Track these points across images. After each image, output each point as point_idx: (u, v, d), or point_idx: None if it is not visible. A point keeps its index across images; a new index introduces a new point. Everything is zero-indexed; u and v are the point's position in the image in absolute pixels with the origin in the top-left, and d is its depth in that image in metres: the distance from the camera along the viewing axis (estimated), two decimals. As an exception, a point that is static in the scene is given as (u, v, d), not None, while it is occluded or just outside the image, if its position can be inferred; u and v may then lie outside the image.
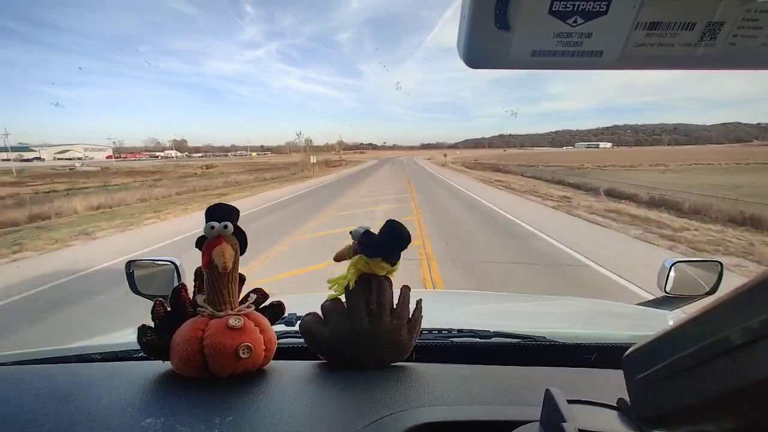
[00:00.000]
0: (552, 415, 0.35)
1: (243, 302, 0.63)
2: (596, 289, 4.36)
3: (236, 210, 0.63)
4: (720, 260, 1.28)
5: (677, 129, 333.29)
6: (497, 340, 0.80)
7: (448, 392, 0.53)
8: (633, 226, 7.93)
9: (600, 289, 4.36)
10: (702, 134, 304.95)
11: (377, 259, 0.61)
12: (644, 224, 8.03)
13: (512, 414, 0.46)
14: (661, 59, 0.26)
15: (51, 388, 0.53)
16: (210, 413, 0.47)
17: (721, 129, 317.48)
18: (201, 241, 0.60)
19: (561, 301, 1.80)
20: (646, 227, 7.75)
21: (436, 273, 4.92)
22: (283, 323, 0.83)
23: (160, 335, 0.58)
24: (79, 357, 0.75)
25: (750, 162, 39.02)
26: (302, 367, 0.61)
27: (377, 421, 0.46)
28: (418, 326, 0.65)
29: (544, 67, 0.28)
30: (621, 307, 1.46)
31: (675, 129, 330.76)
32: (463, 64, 0.28)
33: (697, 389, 0.24)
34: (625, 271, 4.91)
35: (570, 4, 0.24)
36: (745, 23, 0.24)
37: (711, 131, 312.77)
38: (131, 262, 1.16)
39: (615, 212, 9.44)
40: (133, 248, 6.55)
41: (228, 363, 0.55)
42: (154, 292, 1.12)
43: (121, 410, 0.47)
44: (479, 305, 1.55)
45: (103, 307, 4.03)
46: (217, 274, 0.59)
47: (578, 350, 0.80)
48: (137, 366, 0.62)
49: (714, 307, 0.24)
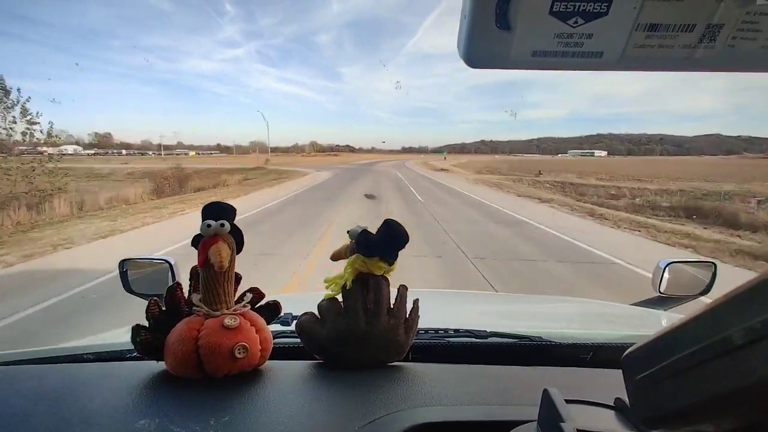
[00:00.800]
0: (550, 415, 0.35)
1: (239, 302, 0.63)
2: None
3: (233, 208, 0.63)
4: (713, 261, 1.29)
5: (664, 139, 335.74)
6: (494, 340, 0.81)
7: (445, 392, 0.53)
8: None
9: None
10: (692, 145, 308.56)
11: (374, 259, 0.61)
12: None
13: (510, 414, 0.46)
14: (661, 60, 0.27)
15: (43, 389, 0.52)
16: (205, 414, 0.46)
17: (706, 140, 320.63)
18: (197, 239, 0.60)
19: (557, 302, 1.80)
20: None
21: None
22: (279, 323, 0.83)
23: (154, 335, 0.57)
24: (72, 357, 0.74)
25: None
26: (298, 367, 0.61)
27: (374, 422, 0.45)
28: (415, 326, 0.65)
29: (545, 67, 0.28)
30: (616, 308, 1.47)
31: (662, 139, 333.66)
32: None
33: (697, 389, 0.24)
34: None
35: (571, 4, 0.25)
36: (744, 25, 0.25)
37: (699, 142, 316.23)
38: (125, 261, 1.14)
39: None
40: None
41: (223, 363, 0.54)
42: (149, 291, 1.11)
43: (114, 411, 0.47)
44: (476, 305, 1.55)
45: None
46: (213, 273, 0.58)
47: (574, 350, 0.80)
48: (131, 366, 0.61)
49: (714, 307, 0.24)
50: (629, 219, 9.74)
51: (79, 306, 3.79)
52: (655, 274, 1.25)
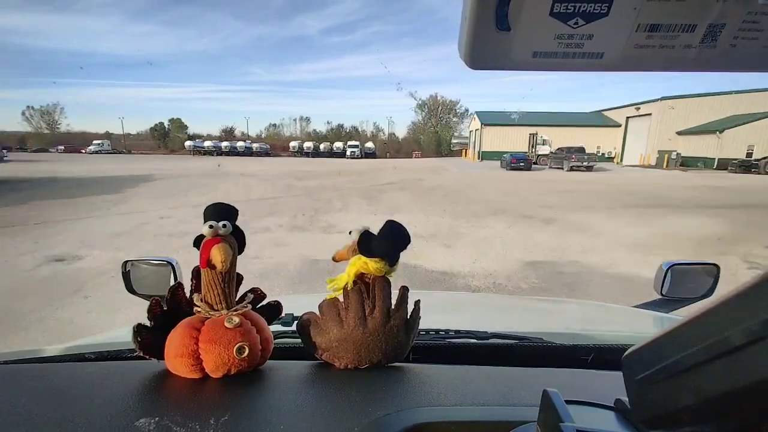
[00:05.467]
0: (550, 416, 0.35)
1: (240, 302, 0.63)
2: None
3: (235, 209, 0.63)
4: (716, 263, 1.29)
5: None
6: (495, 341, 0.81)
7: (445, 393, 0.53)
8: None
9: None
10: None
11: (376, 259, 0.61)
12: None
13: (510, 414, 0.46)
14: (662, 61, 0.27)
15: (45, 388, 0.52)
16: (205, 413, 0.46)
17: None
18: (199, 240, 0.60)
19: (558, 303, 1.80)
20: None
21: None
22: (281, 323, 0.83)
23: (155, 334, 0.58)
24: (73, 356, 0.75)
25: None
26: (299, 367, 0.61)
27: (374, 422, 0.45)
28: (416, 327, 0.65)
29: (546, 68, 0.28)
30: (618, 309, 1.46)
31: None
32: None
33: (696, 390, 0.24)
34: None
35: (571, 5, 0.24)
36: (746, 25, 0.25)
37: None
38: (127, 262, 1.15)
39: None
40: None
41: (224, 363, 0.55)
42: (151, 291, 1.11)
43: (115, 410, 0.47)
44: (477, 306, 1.55)
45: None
46: (214, 274, 0.58)
47: (575, 351, 0.80)
48: (132, 366, 0.61)
49: (714, 307, 0.24)
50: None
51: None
52: (658, 276, 1.25)
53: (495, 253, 5.57)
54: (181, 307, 0.60)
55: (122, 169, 21.75)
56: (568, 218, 8.13)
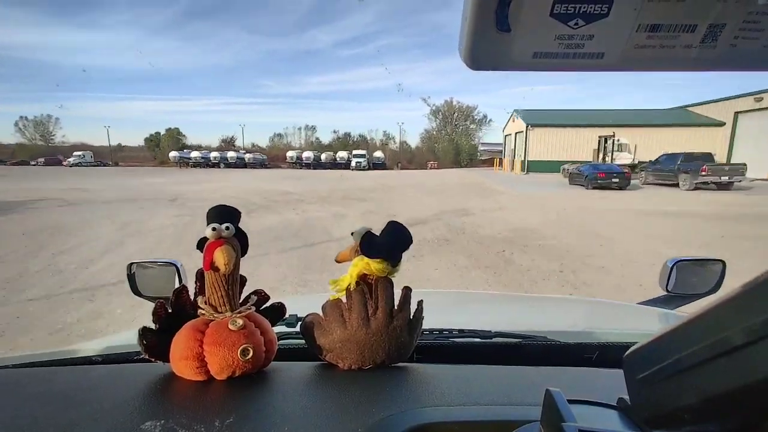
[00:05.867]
0: (552, 416, 0.35)
1: (244, 303, 0.63)
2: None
3: (238, 211, 0.63)
4: (722, 259, 1.28)
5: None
6: (498, 340, 0.80)
7: (448, 393, 0.53)
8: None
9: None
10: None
11: (378, 260, 0.61)
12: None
13: (513, 414, 0.46)
14: (663, 61, 0.27)
15: (51, 391, 0.53)
16: (210, 415, 0.47)
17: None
18: (202, 242, 0.60)
19: (562, 301, 1.79)
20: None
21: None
22: (284, 324, 0.83)
23: (160, 337, 0.58)
24: (79, 359, 0.75)
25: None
26: (303, 369, 0.61)
27: (379, 422, 0.46)
28: (419, 327, 0.65)
29: (546, 68, 0.28)
30: (622, 307, 1.46)
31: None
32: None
33: (697, 389, 0.24)
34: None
35: (571, 6, 0.24)
36: (746, 25, 0.24)
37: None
38: (132, 264, 1.16)
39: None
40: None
41: (228, 365, 0.55)
42: (155, 293, 1.12)
43: (120, 413, 0.47)
44: (480, 305, 1.55)
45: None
46: (218, 276, 0.59)
47: (579, 350, 0.80)
48: (137, 368, 0.62)
49: (715, 306, 0.24)
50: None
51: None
52: (663, 272, 1.24)
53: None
54: (185, 309, 0.61)
55: (30, 189, 14.76)
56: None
